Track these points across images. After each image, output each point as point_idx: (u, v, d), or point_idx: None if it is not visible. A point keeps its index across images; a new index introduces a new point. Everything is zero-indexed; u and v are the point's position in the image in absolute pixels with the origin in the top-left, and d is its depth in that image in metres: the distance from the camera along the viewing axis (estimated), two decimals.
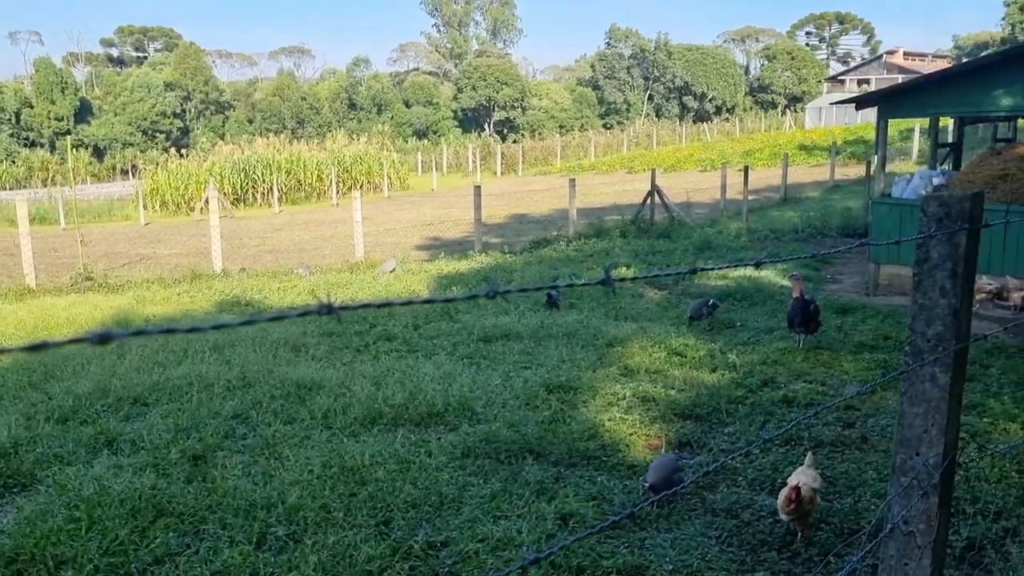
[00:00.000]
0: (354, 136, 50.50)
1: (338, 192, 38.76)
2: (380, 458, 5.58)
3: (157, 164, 39.72)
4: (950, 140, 14.81)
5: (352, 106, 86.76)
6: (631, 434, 6.18)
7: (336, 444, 5.87)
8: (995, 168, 11.34)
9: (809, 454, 4.83)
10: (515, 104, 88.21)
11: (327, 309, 0.99)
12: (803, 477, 4.58)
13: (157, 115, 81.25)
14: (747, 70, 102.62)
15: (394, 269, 14.59)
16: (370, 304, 1.13)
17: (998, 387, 7.15)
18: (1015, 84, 10.54)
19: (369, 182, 42.23)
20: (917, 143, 34.53)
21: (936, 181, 11.74)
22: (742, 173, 21.22)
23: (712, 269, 1.77)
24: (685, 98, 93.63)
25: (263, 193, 38.73)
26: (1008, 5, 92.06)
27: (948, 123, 15.45)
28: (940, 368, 1.55)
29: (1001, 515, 4.73)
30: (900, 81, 18.23)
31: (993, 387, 7.16)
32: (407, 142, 70.42)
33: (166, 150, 50.17)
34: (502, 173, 52.38)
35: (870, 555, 4.22)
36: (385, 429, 6.25)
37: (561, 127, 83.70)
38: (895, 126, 38.73)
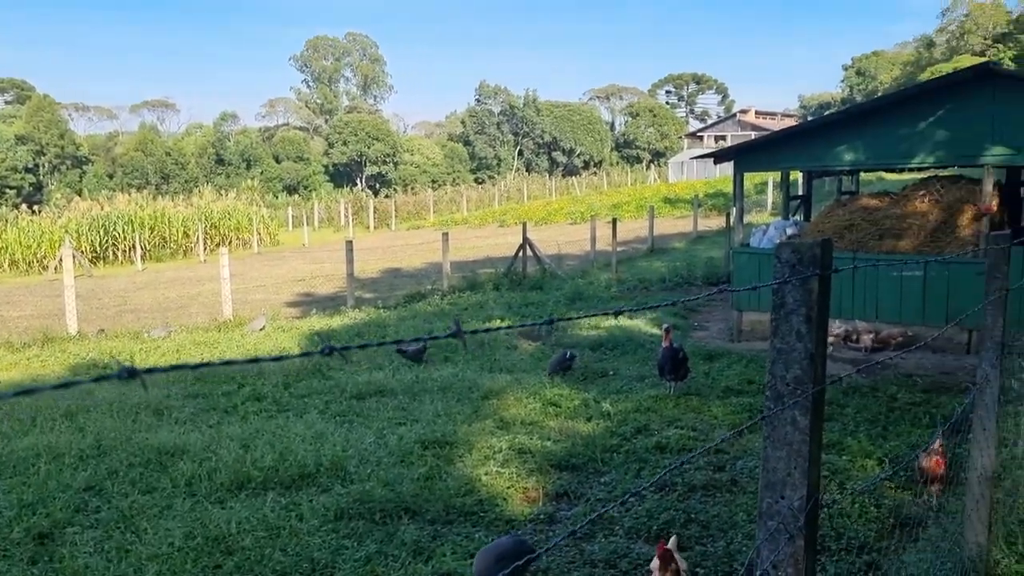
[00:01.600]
0: (222, 192, 49.26)
1: (206, 249, 37.55)
2: (248, 525, 5.32)
3: (6, 221, 37.50)
4: (801, 193, 15.67)
5: (220, 161, 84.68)
6: (508, 488, 6.12)
7: (200, 512, 5.57)
8: (842, 218, 12.05)
9: (674, 537, 4.60)
10: (387, 159, 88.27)
11: (129, 372, 0.91)
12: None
13: (7, 170, 76.93)
14: (612, 126, 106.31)
15: (264, 327, 14.15)
16: (184, 366, 1.05)
17: (855, 426, 7.50)
18: (855, 141, 11.28)
19: (238, 238, 41.18)
20: (771, 196, 36.43)
21: (790, 231, 12.37)
22: (611, 225, 21.80)
23: (569, 319, 1.77)
24: (554, 153, 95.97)
25: (125, 251, 37.12)
26: (846, 69, 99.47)
27: (798, 176, 16.41)
28: (800, 411, 1.59)
29: (863, 549, 4.91)
30: (753, 137, 19.27)
31: (850, 426, 7.50)
32: (277, 197, 69.14)
33: (16, 207, 47.40)
34: (375, 227, 52.05)
35: None
36: (253, 493, 5.98)
37: (433, 182, 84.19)
38: (751, 180, 40.81)
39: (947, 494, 5.09)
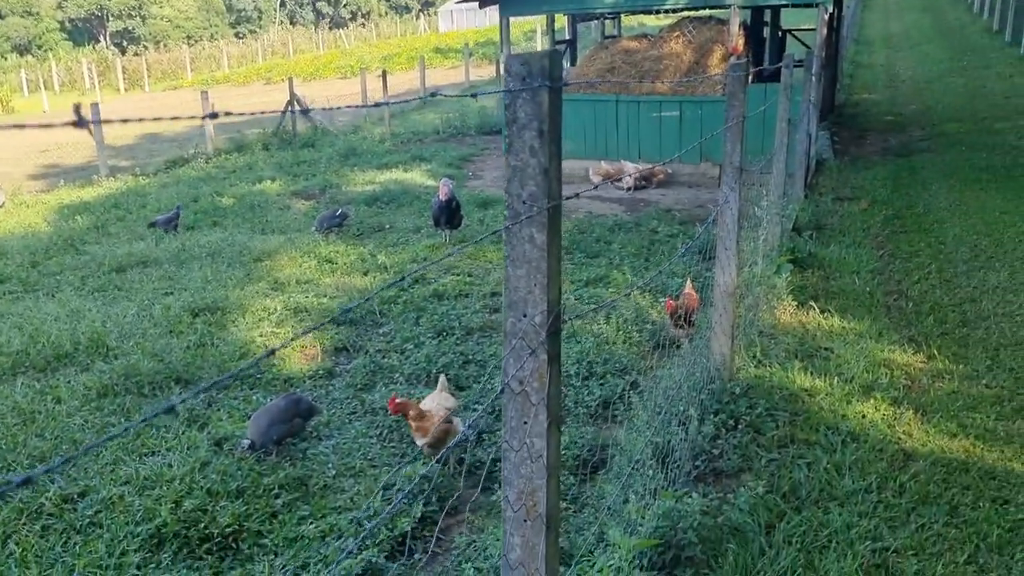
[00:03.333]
0: None
1: None
2: None
3: None
4: (567, 38, 15.80)
5: None
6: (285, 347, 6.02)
7: None
8: (604, 61, 12.32)
9: (442, 377, 4.70)
10: (133, 12, 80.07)
11: None
12: (437, 400, 4.43)
13: None
14: None
15: (3, 203, 12.77)
16: None
17: (620, 260, 7.93)
18: None
19: None
20: (540, 43, 36.63)
21: None
22: (382, 79, 21.17)
23: (239, 114, 1.62)
24: (319, 4, 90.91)
25: None
26: None
27: (564, 23, 16.54)
28: (536, 228, 1.59)
29: (626, 371, 5.28)
30: None
31: (616, 260, 7.92)
32: (6, 59, 61.32)
33: None
34: (126, 90, 47.59)
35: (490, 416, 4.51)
36: (1, 380, 5.52)
37: (189, 37, 77.60)
38: (520, 27, 40.79)
39: (698, 313, 5.52)
